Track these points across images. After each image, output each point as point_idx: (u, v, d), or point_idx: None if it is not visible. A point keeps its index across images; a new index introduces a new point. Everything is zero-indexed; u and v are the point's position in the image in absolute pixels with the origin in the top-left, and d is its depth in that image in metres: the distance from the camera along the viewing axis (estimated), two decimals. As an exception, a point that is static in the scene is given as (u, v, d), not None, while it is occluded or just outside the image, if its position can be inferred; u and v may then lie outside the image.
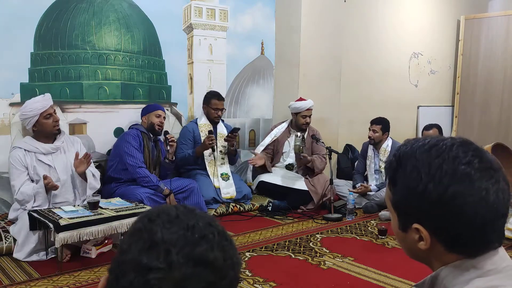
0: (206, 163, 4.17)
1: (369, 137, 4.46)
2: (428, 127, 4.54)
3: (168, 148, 3.70)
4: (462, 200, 0.78)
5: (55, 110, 3.18)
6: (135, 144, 3.59)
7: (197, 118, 4.27)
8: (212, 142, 3.99)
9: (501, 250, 0.83)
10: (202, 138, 4.08)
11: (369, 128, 4.48)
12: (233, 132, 4.14)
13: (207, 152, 4.14)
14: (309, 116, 4.44)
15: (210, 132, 4.03)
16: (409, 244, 0.87)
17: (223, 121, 4.37)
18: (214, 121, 4.21)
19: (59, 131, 3.19)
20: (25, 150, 3.06)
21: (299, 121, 4.44)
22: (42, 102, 3.07)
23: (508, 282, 0.79)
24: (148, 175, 3.56)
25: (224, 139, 4.18)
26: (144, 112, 3.79)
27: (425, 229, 0.82)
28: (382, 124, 4.42)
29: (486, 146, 3.59)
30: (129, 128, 3.80)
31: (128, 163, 3.55)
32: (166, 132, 3.79)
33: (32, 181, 3.06)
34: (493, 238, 0.82)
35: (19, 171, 3.02)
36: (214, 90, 4.33)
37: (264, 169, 4.40)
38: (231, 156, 4.31)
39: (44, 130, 3.10)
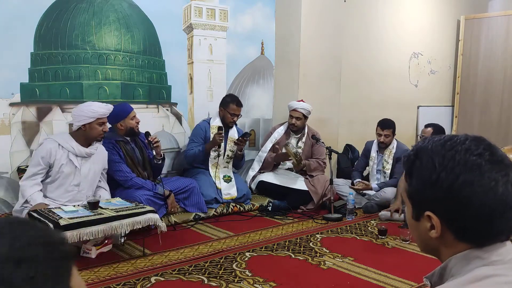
0: (210, 164, 4.17)
1: (382, 142, 4.38)
2: (426, 125, 4.53)
3: (154, 151, 3.59)
4: (472, 189, 0.81)
5: (107, 121, 3.22)
6: (116, 158, 3.48)
7: (210, 118, 4.27)
8: (221, 138, 4.00)
9: (508, 244, 0.86)
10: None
11: (380, 133, 4.37)
12: (244, 137, 4.16)
13: (213, 154, 4.15)
14: (296, 118, 4.37)
15: (220, 128, 4.03)
16: (421, 233, 0.90)
17: (236, 125, 4.36)
18: (228, 126, 4.21)
19: (99, 140, 3.24)
20: (59, 144, 3.09)
21: (288, 120, 4.45)
22: (106, 109, 3.15)
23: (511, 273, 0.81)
24: (142, 184, 3.50)
25: (234, 142, 4.20)
26: (116, 119, 3.48)
27: (436, 217, 0.86)
28: (393, 128, 4.40)
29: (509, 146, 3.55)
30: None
31: (120, 180, 3.49)
32: (148, 134, 3.60)
33: (48, 177, 3.08)
34: (501, 230, 0.84)
35: (37, 162, 3.05)
36: (234, 94, 4.38)
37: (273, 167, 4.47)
38: (237, 160, 4.31)
39: (90, 134, 3.15)
